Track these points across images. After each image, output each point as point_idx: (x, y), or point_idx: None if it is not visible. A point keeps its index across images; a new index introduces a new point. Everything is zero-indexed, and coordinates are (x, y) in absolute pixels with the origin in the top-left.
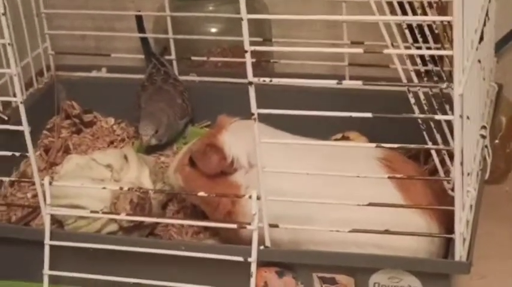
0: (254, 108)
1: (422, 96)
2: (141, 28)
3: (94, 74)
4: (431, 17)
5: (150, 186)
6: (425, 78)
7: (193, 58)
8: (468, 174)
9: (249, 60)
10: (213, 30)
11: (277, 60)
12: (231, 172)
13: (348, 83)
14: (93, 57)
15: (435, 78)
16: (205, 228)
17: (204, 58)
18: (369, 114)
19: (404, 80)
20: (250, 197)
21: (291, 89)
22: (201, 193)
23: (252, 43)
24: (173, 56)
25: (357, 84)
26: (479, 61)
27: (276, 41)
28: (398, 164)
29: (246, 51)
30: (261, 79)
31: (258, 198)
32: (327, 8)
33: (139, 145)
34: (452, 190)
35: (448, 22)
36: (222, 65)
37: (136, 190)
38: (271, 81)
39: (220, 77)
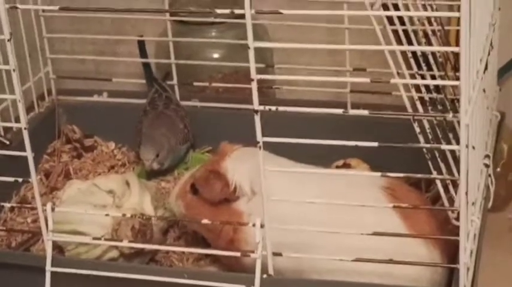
0: (259, 137)
1: (427, 125)
2: (143, 53)
3: (95, 98)
4: (439, 48)
5: (152, 212)
6: (429, 107)
7: (195, 84)
8: (473, 203)
9: (255, 88)
10: (215, 55)
11: (279, 87)
12: (234, 199)
13: (354, 112)
14: (94, 81)
15: (439, 107)
16: (207, 255)
17: (206, 84)
18: (375, 144)
19: (409, 109)
20: (254, 225)
21: (293, 115)
22: (205, 221)
23: None
24: (175, 81)
25: (363, 113)
26: (483, 90)
27: (277, 67)
28: (401, 192)
29: (253, 80)
30: (267, 107)
31: (262, 226)
32: (328, 34)
33: (140, 170)
34: (457, 219)
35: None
36: (223, 90)
37: (138, 217)
38: (277, 109)
39: (221, 103)
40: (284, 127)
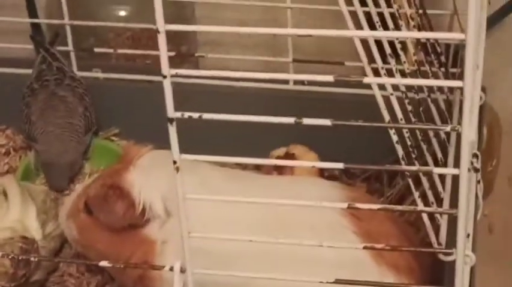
0: (176, 155)
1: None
2: (31, 9)
3: None
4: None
5: (38, 231)
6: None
7: (96, 50)
8: (468, 236)
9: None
10: (121, 13)
11: (203, 54)
12: (142, 224)
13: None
14: None
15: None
16: (113, 278)
17: (110, 50)
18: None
19: (382, 104)
20: (171, 269)
21: (219, 90)
22: (103, 263)
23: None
24: (70, 47)
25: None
26: None
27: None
28: (366, 212)
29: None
30: (186, 114)
31: (183, 271)
32: None
33: (27, 164)
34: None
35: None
36: (133, 56)
37: (18, 240)
38: (200, 117)
39: (130, 74)
40: (208, 106)
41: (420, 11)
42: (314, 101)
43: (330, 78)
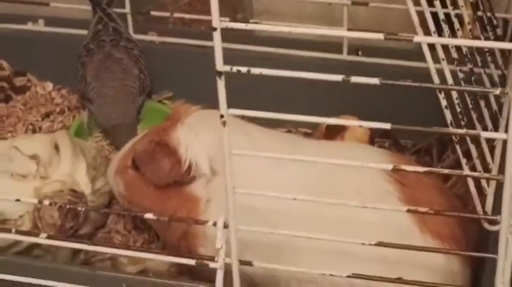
0: (224, 109)
1: (455, 95)
2: None
3: (29, 26)
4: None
5: (87, 186)
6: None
7: (152, 13)
8: None
9: (218, 39)
10: None
11: (257, 21)
12: (188, 182)
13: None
14: (28, 5)
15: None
16: (158, 237)
17: (167, 14)
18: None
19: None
20: (214, 224)
21: (272, 57)
22: (148, 215)
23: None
24: (127, 9)
25: (372, 81)
26: None
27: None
28: (412, 178)
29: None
30: (235, 68)
31: (225, 226)
32: None
33: (80, 122)
34: (490, 223)
35: None
36: (188, 21)
37: (67, 193)
38: (249, 71)
39: (186, 38)
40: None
41: None
42: (366, 72)
43: (380, 36)
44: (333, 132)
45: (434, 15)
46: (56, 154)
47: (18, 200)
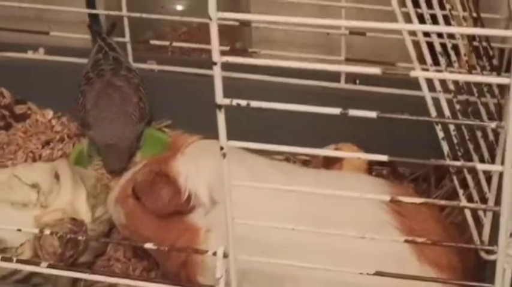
0: (223, 141)
1: (452, 127)
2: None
3: (29, 55)
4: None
5: (87, 214)
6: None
7: (151, 42)
8: (510, 235)
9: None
10: (179, 8)
11: (256, 50)
12: (187, 211)
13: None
14: (28, 34)
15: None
16: (158, 265)
17: (166, 42)
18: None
19: (430, 102)
20: (214, 254)
21: (270, 86)
22: (148, 245)
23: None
24: (127, 38)
25: (370, 115)
26: None
27: (255, 26)
28: (410, 210)
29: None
30: (235, 102)
31: (225, 256)
32: None
33: (79, 150)
34: (488, 253)
35: None
36: (188, 50)
37: (68, 221)
38: (248, 105)
39: (184, 67)
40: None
41: (474, 15)
42: (364, 101)
43: (377, 70)
44: (331, 160)
45: (431, 45)
46: (56, 183)
47: (19, 230)
